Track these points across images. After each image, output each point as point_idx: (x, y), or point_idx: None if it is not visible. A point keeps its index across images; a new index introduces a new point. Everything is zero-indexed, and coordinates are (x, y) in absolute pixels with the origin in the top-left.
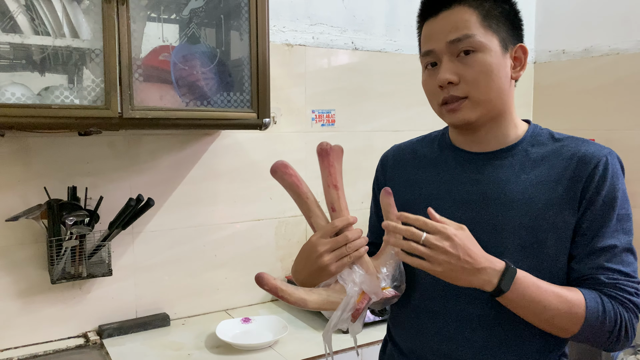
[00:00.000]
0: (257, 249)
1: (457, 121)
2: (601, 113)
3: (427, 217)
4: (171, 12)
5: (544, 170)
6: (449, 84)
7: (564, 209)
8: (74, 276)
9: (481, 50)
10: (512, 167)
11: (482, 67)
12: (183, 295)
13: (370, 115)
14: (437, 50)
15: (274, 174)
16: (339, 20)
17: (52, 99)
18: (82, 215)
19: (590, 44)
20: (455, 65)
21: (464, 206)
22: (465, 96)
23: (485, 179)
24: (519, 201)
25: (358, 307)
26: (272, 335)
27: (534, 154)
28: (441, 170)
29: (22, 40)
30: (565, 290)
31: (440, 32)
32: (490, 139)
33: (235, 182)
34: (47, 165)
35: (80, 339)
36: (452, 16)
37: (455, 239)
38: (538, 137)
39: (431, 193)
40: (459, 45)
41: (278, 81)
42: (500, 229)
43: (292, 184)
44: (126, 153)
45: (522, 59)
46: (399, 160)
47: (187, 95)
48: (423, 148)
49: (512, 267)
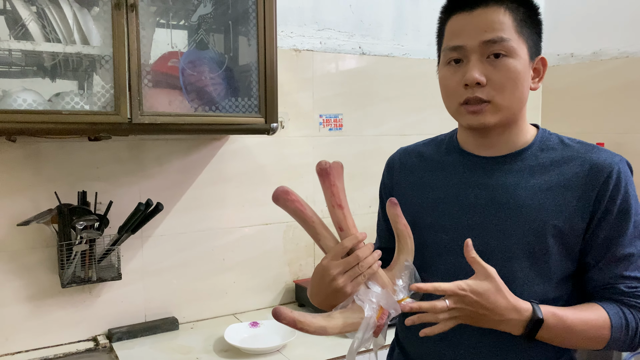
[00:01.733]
0: (266, 253)
1: (476, 124)
2: (610, 116)
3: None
4: (180, 18)
5: (554, 175)
6: (476, 85)
7: (574, 216)
8: (84, 280)
9: (512, 55)
10: (521, 172)
11: (510, 74)
12: (192, 299)
13: (378, 120)
14: (468, 48)
15: (277, 201)
16: (346, 25)
17: (63, 105)
18: (92, 219)
19: (599, 47)
20: (484, 67)
21: (472, 210)
22: (488, 100)
23: (493, 183)
24: (528, 206)
25: (379, 324)
26: (280, 339)
27: (543, 159)
28: (449, 173)
29: (34, 47)
30: (590, 312)
31: (474, 29)
32: (500, 144)
33: (244, 186)
34: (57, 170)
35: (90, 342)
36: (488, 15)
37: (472, 297)
38: (547, 142)
39: (438, 197)
40: (492, 47)
41: (286, 86)
42: (509, 234)
43: (296, 210)
44: (135, 158)
45: (541, 71)
46: (406, 164)
47: (196, 100)
48: (430, 151)
49: (539, 314)
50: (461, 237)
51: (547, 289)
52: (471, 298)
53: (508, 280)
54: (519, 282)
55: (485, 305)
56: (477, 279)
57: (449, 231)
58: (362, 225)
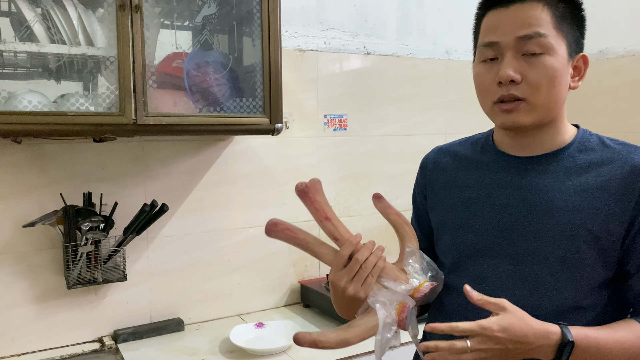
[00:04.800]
0: (271, 254)
1: (509, 123)
2: (618, 115)
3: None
4: (184, 19)
5: (591, 177)
6: (510, 82)
7: (611, 220)
8: (90, 281)
9: (549, 52)
10: (556, 173)
11: (547, 71)
12: (197, 300)
13: (383, 120)
14: (503, 44)
15: (269, 235)
16: (350, 25)
17: (68, 107)
18: (98, 220)
19: (605, 45)
20: (520, 63)
21: (504, 211)
22: (523, 98)
23: (527, 184)
24: (561, 209)
25: (401, 319)
26: (286, 340)
27: (581, 160)
28: (482, 173)
29: (39, 48)
30: (627, 331)
31: (509, 25)
32: (536, 144)
33: (249, 187)
34: (62, 172)
35: (96, 343)
36: (525, 10)
37: (499, 335)
38: (587, 143)
39: (470, 197)
40: (529, 43)
41: (290, 86)
42: (541, 236)
43: (287, 237)
44: (140, 159)
45: (582, 69)
46: (440, 163)
47: (201, 101)
48: (465, 150)
49: (569, 336)
50: (491, 238)
51: (579, 296)
52: (498, 336)
53: (537, 284)
54: (549, 287)
55: (513, 339)
56: (498, 314)
57: (478, 232)
58: (368, 226)
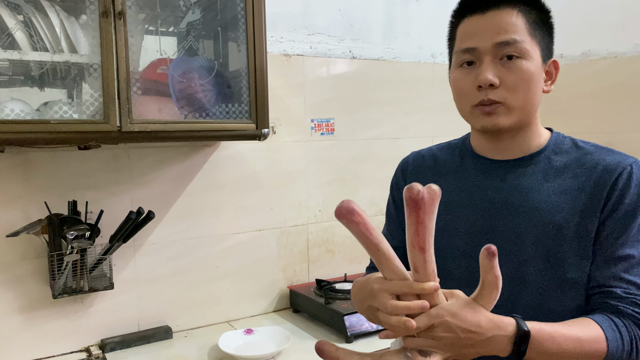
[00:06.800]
0: (260, 259)
1: (490, 125)
2: (601, 116)
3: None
4: (169, 25)
5: (567, 178)
6: (489, 86)
7: (587, 218)
8: (76, 290)
9: (525, 57)
10: (534, 175)
11: (524, 75)
12: (185, 308)
13: (370, 123)
14: (481, 49)
15: (340, 219)
16: (336, 30)
17: (51, 114)
18: (83, 229)
19: (588, 47)
20: (498, 68)
21: (486, 214)
22: (501, 101)
23: (507, 186)
24: (542, 210)
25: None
26: (275, 347)
27: (556, 162)
28: (462, 177)
29: (21, 56)
30: (581, 326)
31: (486, 31)
32: (513, 147)
33: (236, 193)
34: (47, 180)
35: (83, 353)
36: (501, 17)
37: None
38: (561, 145)
39: (452, 200)
40: (506, 49)
41: (277, 91)
42: (523, 237)
43: (358, 233)
44: (126, 166)
45: (553, 74)
46: (419, 167)
47: (186, 107)
48: (444, 155)
49: (524, 326)
50: (475, 240)
51: (564, 296)
52: (448, 322)
53: (523, 284)
54: (534, 286)
55: (464, 326)
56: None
57: (462, 235)
58: None
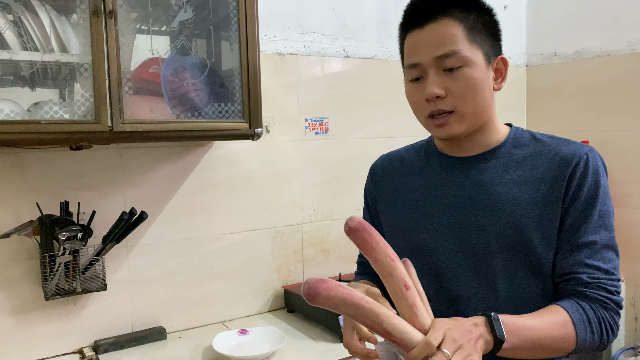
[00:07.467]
0: (254, 259)
1: (444, 135)
2: (594, 114)
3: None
4: (161, 24)
5: (527, 170)
6: (436, 98)
7: (549, 208)
8: (68, 292)
9: (467, 65)
10: (495, 169)
11: (468, 82)
12: (179, 308)
13: (364, 122)
14: (424, 64)
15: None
16: (330, 29)
17: (42, 115)
18: (75, 230)
19: (581, 46)
20: (442, 79)
21: (451, 209)
22: (451, 110)
23: (470, 182)
24: (504, 201)
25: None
26: (270, 347)
27: (516, 155)
28: (427, 176)
29: (10, 56)
30: (548, 312)
31: (427, 46)
32: (473, 145)
33: (230, 192)
34: (39, 181)
35: (76, 355)
36: (439, 29)
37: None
38: (520, 139)
39: (419, 199)
40: (447, 60)
41: (270, 90)
42: (487, 230)
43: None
44: (118, 166)
45: (502, 71)
46: (388, 169)
47: (178, 107)
48: (410, 156)
49: (490, 314)
50: (442, 236)
51: (532, 283)
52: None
53: (492, 275)
54: (502, 276)
55: (458, 325)
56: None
57: (430, 231)
58: None
